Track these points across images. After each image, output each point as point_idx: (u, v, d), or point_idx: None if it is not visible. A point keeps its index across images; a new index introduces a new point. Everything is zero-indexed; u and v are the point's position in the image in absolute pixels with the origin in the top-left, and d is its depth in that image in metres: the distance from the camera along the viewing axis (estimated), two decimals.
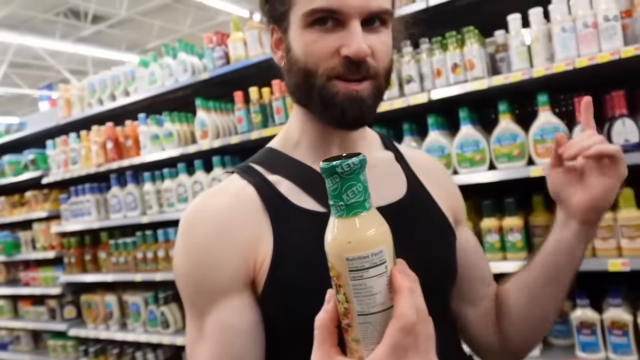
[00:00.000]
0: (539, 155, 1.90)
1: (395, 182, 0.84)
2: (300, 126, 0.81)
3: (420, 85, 2.17)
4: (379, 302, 0.49)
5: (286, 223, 0.74)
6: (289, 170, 0.79)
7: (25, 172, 3.96)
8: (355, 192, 0.49)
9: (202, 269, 0.72)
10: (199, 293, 0.73)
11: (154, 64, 3.12)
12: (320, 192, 0.73)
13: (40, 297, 4.02)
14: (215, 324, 0.71)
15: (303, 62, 0.72)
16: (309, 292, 0.63)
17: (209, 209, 0.76)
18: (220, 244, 0.72)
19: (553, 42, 1.87)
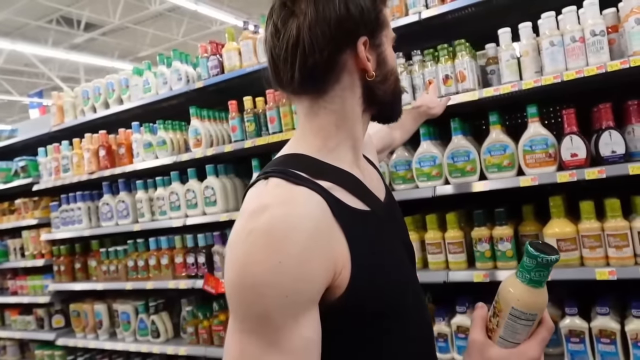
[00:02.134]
0: (528, 166, 1.94)
1: (377, 178, 1.02)
2: (336, 133, 0.88)
3: (413, 96, 2.20)
4: (516, 340, 0.75)
5: (352, 226, 0.79)
6: (333, 175, 0.83)
7: (16, 179, 3.93)
8: (542, 275, 0.72)
9: (296, 280, 0.70)
10: (284, 306, 0.70)
11: (148, 72, 3.13)
12: (360, 191, 0.86)
13: (28, 306, 3.97)
14: (299, 337, 0.70)
15: (394, 70, 0.91)
16: (387, 284, 0.81)
17: (298, 217, 0.73)
18: (316, 253, 0.72)
19: (542, 56, 1.92)
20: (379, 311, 0.80)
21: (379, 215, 0.87)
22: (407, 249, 0.96)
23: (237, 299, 0.72)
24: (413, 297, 0.89)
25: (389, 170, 2.31)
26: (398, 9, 2.25)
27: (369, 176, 0.96)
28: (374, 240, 0.82)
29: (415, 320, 0.90)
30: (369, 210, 0.85)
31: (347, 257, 0.76)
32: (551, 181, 1.86)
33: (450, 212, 2.16)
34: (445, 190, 2.12)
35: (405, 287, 0.87)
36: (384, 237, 0.86)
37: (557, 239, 1.87)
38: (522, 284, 0.73)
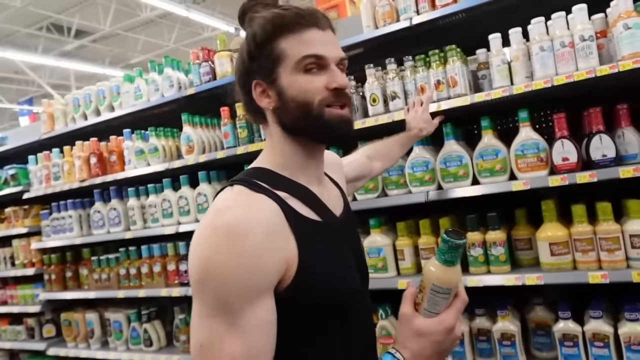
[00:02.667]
0: (520, 170, 1.95)
1: (337, 196, 1.14)
2: (288, 153, 1.01)
3: (405, 102, 2.21)
4: (437, 310, 0.91)
5: (302, 231, 0.92)
6: (290, 187, 0.97)
7: (6, 187, 3.89)
8: (454, 256, 0.88)
9: (252, 271, 0.84)
10: (242, 292, 0.83)
11: (140, 79, 3.12)
12: (314, 204, 1.00)
13: (18, 316, 3.91)
14: (254, 318, 0.84)
15: (302, 98, 0.95)
16: (328, 283, 0.94)
17: (256, 216, 0.87)
18: (271, 249, 0.86)
19: (532, 61, 1.93)
20: (319, 307, 0.93)
21: (330, 226, 0.99)
22: (358, 260, 1.09)
23: (202, 287, 0.84)
24: (357, 301, 1.02)
25: (382, 176, 2.31)
26: (389, 15, 2.26)
27: (328, 193, 1.08)
28: (321, 246, 0.95)
29: (358, 322, 1.03)
30: (320, 221, 0.98)
31: (295, 256, 0.89)
32: (543, 185, 1.87)
33: (444, 217, 2.16)
34: (438, 195, 2.13)
35: (349, 291, 1.00)
36: (332, 245, 0.98)
37: (550, 242, 1.87)
38: (439, 264, 0.89)
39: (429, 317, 0.91)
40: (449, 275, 0.88)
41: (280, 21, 0.95)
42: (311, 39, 0.95)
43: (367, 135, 2.36)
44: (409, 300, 0.93)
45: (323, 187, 1.07)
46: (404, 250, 2.23)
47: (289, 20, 0.95)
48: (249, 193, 0.92)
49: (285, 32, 0.95)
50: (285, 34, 0.95)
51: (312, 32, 0.95)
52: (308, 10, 0.96)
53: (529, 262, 2.05)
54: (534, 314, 2.05)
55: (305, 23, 0.95)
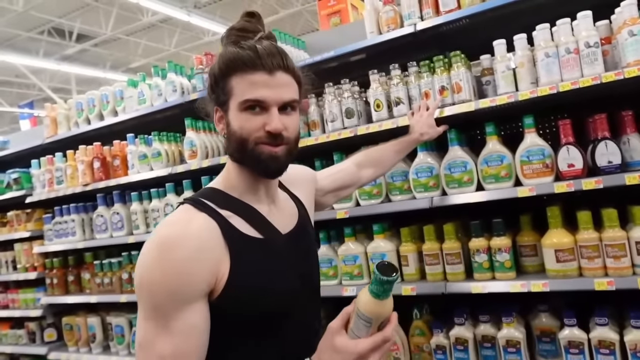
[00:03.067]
0: (525, 176, 1.95)
1: (291, 214, 1.24)
2: (236, 176, 1.13)
3: (409, 107, 2.21)
4: (357, 335, 0.95)
5: (238, 247, 1.03)
6: (235, 207, 1.09)
7: (8, 191, 3.88)
8: (379, 289, 0.92)
9: (180, 280, 0.94)
10: (171, 299, 0.94)
11: (143, 84, 3.12)
12: (258, 223, 1.10)
13: (19, 320, 3.90)
14: (183, 323, 0.94)
15: (239, 133, 1.06)
16: (257, 295, 1.03)
17: (188, 234, 0.98)
18: (198, 263, 0.96)
19: (537, 67, 1.93)
20: (247, 316, 1.03)
21: (269, 243, 1.09)
22: (306, 271, 1.19)
23: (139, 293, 0.97)
24: (293, 311, 1.10)
25: (386, 181, 2.31)
26: (393, 20, 2.27)
27: (279, 212, 1.19)
28: (254, 261, 1.05)
29: (294, 330, 1.11)
30: (260, 238, 1.08)
31: (226, 269, 1.00)
32: (549, 192, 1.87)
33: (448, 223, 2.16)
34: (443, 201, 2.13)
35: (282, 301, 1.08)
36: (268, 260, 1.07)
37: (556, 249, 1.87)
38: (367, 292, 0.93)
39: (352, 338, 0.94)
40: (372, 306, 0.92)
41: (232, 62, 1.05)
42: (256, 81, 1.04)
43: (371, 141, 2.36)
44: (341, 316, 0.97)
45: (274, 205, 1.18)
46: (408, 256, 2.23)
47: (241, 62, 1.04)
48: (192, 211, 1.04)
49: (236, 72, 1.05)
50: (236, 73, 1.05)
51: (258, 75, 1.04)
52: (264, 52, 1.04)
53: (534, 269, 2.04)
54: (539, 321, 2.05)
55: (254, 66, 1.03)
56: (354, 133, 2.29)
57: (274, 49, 1.06)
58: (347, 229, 2.37)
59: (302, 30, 11.79)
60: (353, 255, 2.33)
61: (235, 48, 1.06)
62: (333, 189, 1.58)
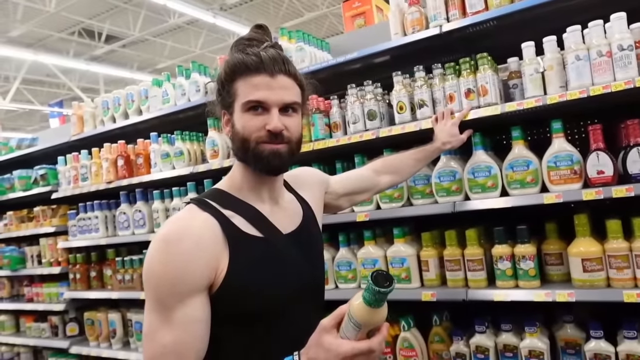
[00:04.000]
0: (552, 183, 1.89)
1: (294, 214, 1.27)
2: (241, 176, 1.19)
3: (433, 110, 2.18)
4: (346, 336, 0.96)
5: (238, 244, 1.08)
6: (238, 207, 1.14)
7: (35, 187, 3.98)
8: (370, 297, 0.91)
9: (182, 273, 1.00)
10: (172, 292, 1.00)
11: (167, 83, 3.16)
12: (260, 223, 1.15)
13: (43, 313, 3.99)
14: (183, 315, 1.00)
15: (242, 133, 1.12)
16: (253, 292, 1.08)
17: (189, 230, 1.05)
18: (198, 257, 1.02)
19: (567, 70, 1.88)
20: (243, 311, 1.08)
21: (270, 242, 1.13)
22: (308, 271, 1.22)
23: (145, 286, 1.03)
24: (289, 308, 1.14)
25: (408, 184, 2.27)
26: (418, 22, 2.24)
27: (284, 212, 1.23)
28: (256, 259, 1.10)
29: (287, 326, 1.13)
30: (260, 237, 1.13)
31: (225, 265, 1.05)
32: (577, 199, 1.81)
33: (470, 229, 2.11)
34: (465, 206, 2.08)
35: (278, 299, 1.12)
36: (267, 258, 1.11)
37: (583, 258, 1.81)
38: (360, 297, 0.93)
39: (341, 338, 0.96)
40: (363, 312, 0.92)
41: (237, 67, 1.12)
42: (258, 83, 1.10)
43: (394, 143, 2.34)
44: (335, 314, 0.99)
45: (277, 206, 1.23)
46: (429, 261, 2.19)
47: (244, 66, 1.11)
48: (195, 211, 1.10)
49: (239, 75, 1.12)
50: (239, 77, 1.12)
51: (260, 77, 1.10)
52: (267, 57, 1.10)
53: (559, 278, 1.98)
54: (564, 332, 1.98)
55: (257, 69, 1.10)
56: (376, 135, 2.26)
57: (277, 55, 1.12)
58: (367, 232, 2.34)
59: (326, 33, 11.81)
60: (372, 259, 2.30)
61: (240, 54, 1.13)
62: (346, 193, 1.60)
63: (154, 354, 1.00)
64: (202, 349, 1.04)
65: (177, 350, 0.99)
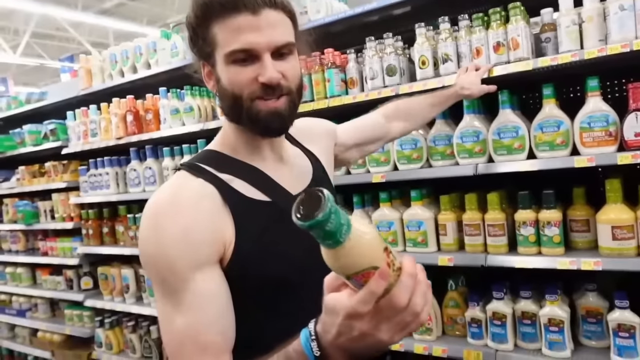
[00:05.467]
0: (584, 145, 1.77)
1: (303, 171, 1.11)
2: (235, 136, 1.02)
3: (457, 65, 2.03)
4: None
5: (242, 212, 0.94)
6: (237, 169, 0.99)
7: (45, 142, 3.94)
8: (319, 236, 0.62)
9: (181, 250, 0.86)
10: (174, 273, 0.86)
11: (176, 36, 3.03)
12: (263, 184, 1.00)
13: (58, 267, 4.04)
14: (193, 295, 0.87)
15: (231, 90, 0.94)
16: (266, 260, 0.94)
17: (182, 200, 0.91)
18: (199, 229, 0.89)
19: (608, 22, 1.71)
20: (258, 282, 0.94)
21: (278, 205, 0.97)
22: None
23: (145, 270, 0.92)
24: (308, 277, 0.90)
25: (427, 145, 2.16)
26: None
27: (290, 169, 1.07)
28: (265, 226, 0.95)
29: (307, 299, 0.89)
30: (268, 201, 0.98)
31: (232, 235, 0.92)
32: (611, 162, 1.69)
33: (492, 192, 2.01)
34: (489, 168, 1.97)
35: (296, 267, 0.96)
36: (278, 224, 0.94)
37: (613, 225, 1.71)
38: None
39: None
40: (326, 258, 0.65)
41: (209, 7, 0.91)
42: (240, 26, 0.89)
43: None
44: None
45: (282, 164, 1.07)
46: (447, 225, 2.10)
47: (218, 5, 0.90)
48: (187, 177, 0.95)
49: (214, 17, 0.91)
50: (214, 20, 0.91)
51: (241, 18, 0.89)
52: None
53: (584, 246, 1.90)
54: (585, 301, 1.91)
55: (234, 7, 0.88)
56: (395, 92, 2.13)
57: None
58: (383, 194, 2.25)
59: None
60: (388, 222, 2.23)
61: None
62: (357, 143, 1.42)
63: (172, 345, 0.88)
64: (226, 326, 0.90)
65: (194, 334, 0.86)
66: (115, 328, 3.53)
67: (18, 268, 4.40)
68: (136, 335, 3.37)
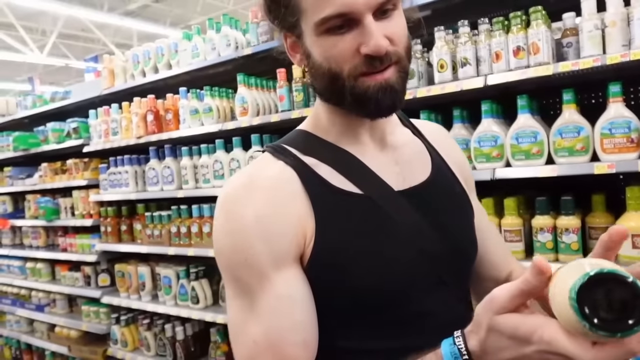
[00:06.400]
0: (605, 151, 1.74)
1: (422, 161, 0.91)
2: (329, 117, 0.86)
3: (476, 69, 2.02)
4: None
5: (327, 204, 0.78)
6: (325, 153, 0.83)
7: (68, 140, 4.02)
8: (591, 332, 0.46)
9: (255, 244, 0.74)
10: (249, 269, 0.74)
11: (197, 37, 3.07)
12: (357, 173, 0.82)
13: (76, 263, 4.11)
14: (270, 297, 0.74)
15: (326, 66, 0.76)
16: (354, 262, 0.76)
17: (258, 184, 0.78)
18: (276, 216, 0.76)
19: (632, 27, 1.69)
20: (345, 293, 0.77)
21: (375, 201, 0.80)
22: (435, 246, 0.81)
23: (219, 266, 0.79)
24: (419, 293, 0.79)
25: None
26: None
27: (394, 158, 0.87)
28: (355, 224, 0.78)
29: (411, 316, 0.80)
30: (359, 194, 0.81)
31: (312, 229, 0.77)
32: (632, 169, 1.66)
33: (509, 197, 1.99)
34: (506, 173, 1.95)
35: (396, 277, 0.78)
36: (375, 223, 0.79)
37: (633, 234, 1.67)
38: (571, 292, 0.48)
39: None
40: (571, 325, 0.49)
41: None
42: None
43: (432, 104, 2.20)
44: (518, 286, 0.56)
45: (386, 150, 0.87)
46: None
47: None
48: (267, 159, 0.83)
49: None
50: None
51: None
52: None
53: None
54: None
55: None
56: (413, 95, 2.13)
57: None
58: None
59: None
60: None
61: None
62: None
63: (247, 354, 0.74)
64: (310, 336, 0.75)
65: (273, 342, 0.72)
66: (130, 325, 3.58)
67: (38, 263, 4.50)
68: (151, 333, 3.40)
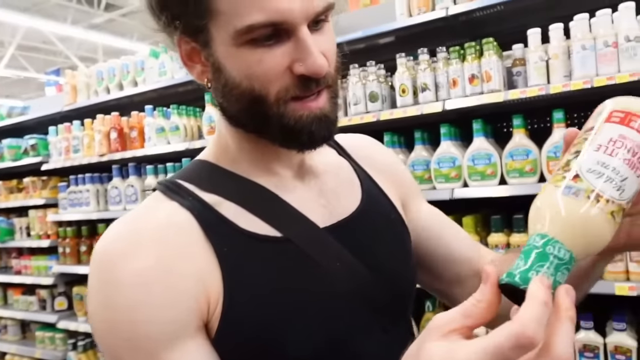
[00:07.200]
0: (551, 173, 1.86)
1: (350, 188, 0.76)
2: (237, 144, 0.69)
3: (436, 94, 2.14)
4: None
5: (235, 255, 0.62)
6: (232, 188, 0.66)
7: (25, 157, 3.91)
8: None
9: (143, 313, 0.57)
10: (130, 349, 0.57)
11: (165, 55, 3.09)
12: (272, 211, 0.66)
13: (31, 287, 3.94)
14: None
15: (246, 86, 0.60)
16: (266, 336, 0.60)
17: (142, 236, 0.60)
18: (166, 278, 0.58)
19: (572, 60, 1.85)
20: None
21: (297, 243, 0.64)
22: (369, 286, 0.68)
23: (96, 341, 0.62)
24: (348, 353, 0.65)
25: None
26: (424, 3, 2.19)
27: (317, 187, 0.72)
28: (272, 277, 0.62)
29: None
30: (277, 236, 0.64)
31: (219, 287, 0.60)
32: None
33: (467, 216, 2.10)
34: (464, 193, 2.07)
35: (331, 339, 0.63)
36: (300, 273, 0.64)
37: None
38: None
39: None
40: None
41: None
42: None
43: (395, 126, 2.31)
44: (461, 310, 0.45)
45: (307, 179, 0.72)
46: None
47: None
48: (157, 201, 0.65)
49: None
50: None
51: None
52: None
53: None
54: None
55: None
56: (377, 118, 2.23)
57: None
58: None
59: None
60: None
61: None
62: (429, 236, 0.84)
63: None
64: None
65: None
66: (88, 351, 3.46)
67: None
68: None
